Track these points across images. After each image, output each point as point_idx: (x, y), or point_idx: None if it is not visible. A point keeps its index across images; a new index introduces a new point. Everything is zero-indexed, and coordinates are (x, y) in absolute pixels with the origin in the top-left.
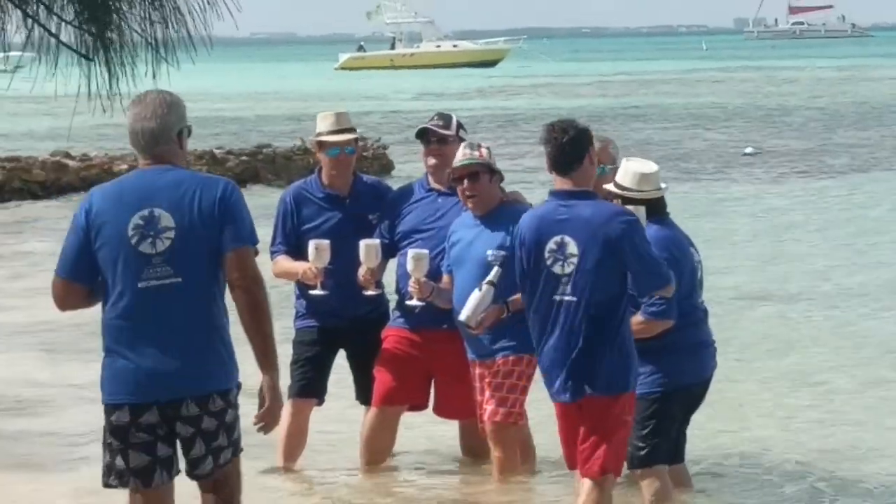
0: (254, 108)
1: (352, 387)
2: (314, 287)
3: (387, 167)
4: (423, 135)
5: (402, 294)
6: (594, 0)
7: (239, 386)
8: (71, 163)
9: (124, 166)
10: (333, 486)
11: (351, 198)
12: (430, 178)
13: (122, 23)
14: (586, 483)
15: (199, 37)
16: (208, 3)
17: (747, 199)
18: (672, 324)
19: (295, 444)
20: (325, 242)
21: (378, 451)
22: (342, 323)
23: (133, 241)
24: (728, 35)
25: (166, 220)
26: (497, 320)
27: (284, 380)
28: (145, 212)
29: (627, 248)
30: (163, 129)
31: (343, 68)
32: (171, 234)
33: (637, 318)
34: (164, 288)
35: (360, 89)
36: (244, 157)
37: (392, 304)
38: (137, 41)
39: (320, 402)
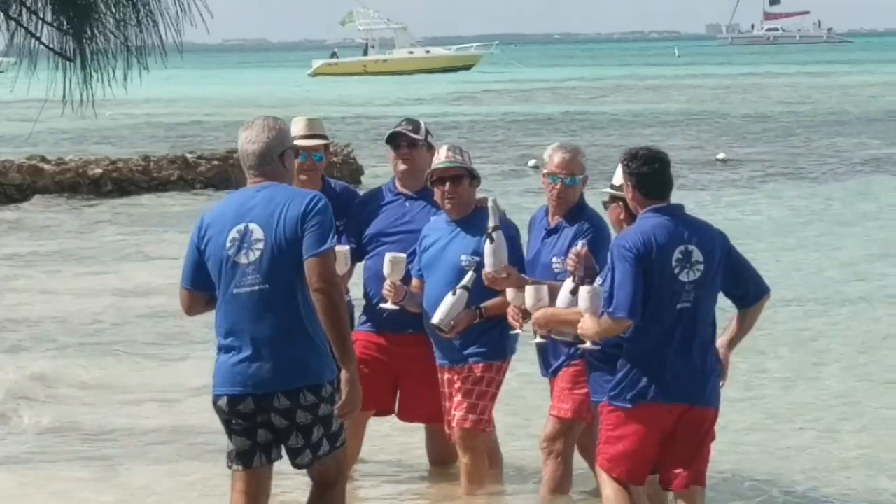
0: (227, 113)
1: None
2: None
3: (356, 172)
4: (394, 138)
5: (370, 298)
6: (565, 6)
7: (332, 382)
8: (46, 166)
9: (99, 170)
10: (298, 492)
11: None
12: (398, 182)
13: (99, 25)
14: (685, 494)
15: (171, 42)
16: (181, 9)
17: (720, 206)
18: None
19: None
20: None
21: None
22: None
23: (230, 252)
24: (701, 41)
25: (257, 233)
26: (469, 325)
27: None
28: (241, 226)
29: (735, 255)
30: (267, 151)
31: (316, 74)
32: (261, 245)
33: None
34: (254, 294)
35: (333, 95)
36: (216, 162)
37: (358, 310)
38: (112, 45)
39: None
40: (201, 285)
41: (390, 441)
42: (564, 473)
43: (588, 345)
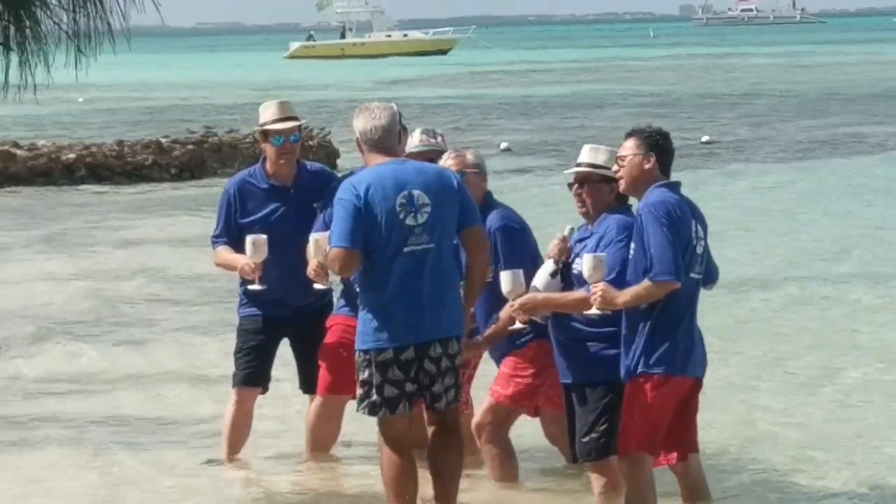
0: (202, 97)
1: (296, 375)
2: (252, 282)
3: (332, 156)
4: None
5: (349, 282)
6: None
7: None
8: (19, 152)
9: (72, 155)
10: (278, 476)
11: (295, 187)
12: None
13: (43, 13)
14: (693, 457)
15: (149, 26)
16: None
17: (709, 188)
18: None
19: (240, 433)
20: (262, 237)
21: (323, 440)
22: (286, 313)
23: (400, 215)
24: (675, 22)
25: (423, 198)
26: None
27: (229, 369)
28: (405, 192)
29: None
30: (390, 127)
31: (293, 57)
32: (428, 209)
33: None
34: (421, 252)
35: (310, 79)
36: (190, 146)
37: (336, 294)
38: (58, 31)
39: (264, 390)
40: (360, 243)
41: (368, 422)
42: (507, 455)
43: (594, 312)
